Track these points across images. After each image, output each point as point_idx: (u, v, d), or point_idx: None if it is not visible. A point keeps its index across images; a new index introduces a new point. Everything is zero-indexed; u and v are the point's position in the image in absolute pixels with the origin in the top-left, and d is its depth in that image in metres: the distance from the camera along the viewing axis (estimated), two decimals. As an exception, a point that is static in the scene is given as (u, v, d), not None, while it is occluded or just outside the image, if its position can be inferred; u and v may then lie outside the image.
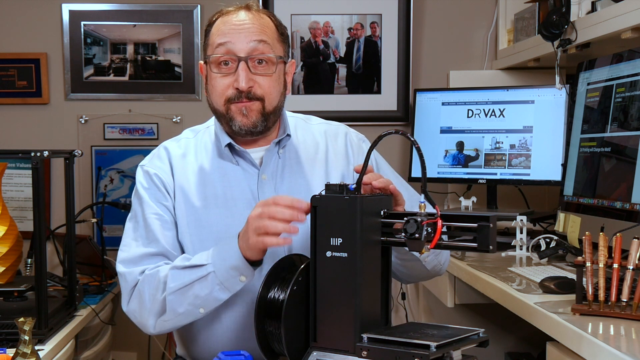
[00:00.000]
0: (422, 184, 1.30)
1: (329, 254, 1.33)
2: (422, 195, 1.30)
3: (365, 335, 1.29)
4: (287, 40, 1.72)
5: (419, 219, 1.25)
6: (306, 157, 1.75)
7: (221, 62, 1.64)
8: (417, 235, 1.25)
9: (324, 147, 1.78)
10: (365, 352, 1.27)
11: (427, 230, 1.25)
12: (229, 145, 1.70)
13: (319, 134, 1.80)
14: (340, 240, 1.32)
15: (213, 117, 1.76)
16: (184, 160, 1.73)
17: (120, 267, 1.67)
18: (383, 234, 1.37)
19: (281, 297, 1.41)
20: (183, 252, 1.69)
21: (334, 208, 1.33)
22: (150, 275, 1.61)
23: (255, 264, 1.52)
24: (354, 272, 1.30)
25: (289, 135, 1.73)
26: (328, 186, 1.36)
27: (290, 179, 1.71)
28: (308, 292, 1.38)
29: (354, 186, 1.34)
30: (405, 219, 1.27)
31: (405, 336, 1.27)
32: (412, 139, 1.32)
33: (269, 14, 1.71)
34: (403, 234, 1.28)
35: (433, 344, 1.21)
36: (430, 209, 1.32)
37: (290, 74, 1.75)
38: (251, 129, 1.66)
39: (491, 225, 1.23)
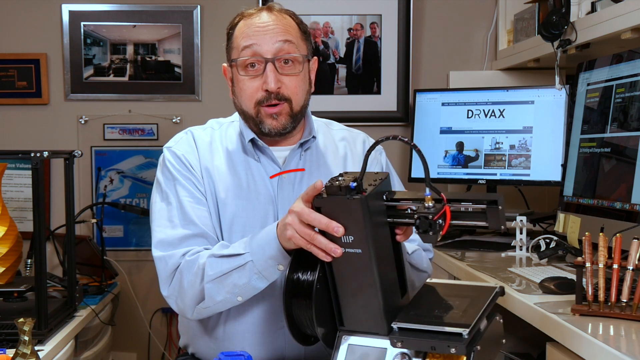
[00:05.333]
0: (426, 177, 1.30)
1: (343, 249, 1.33)
2: (427, 189, 1.29)
3: (395, 325, 1.28)
4: (309, 38, 1.75)
5: (430, 217, 1.25)
6: (325, 161, 1.77)
7: (248, 65, 1.66)
8: (431, 232, 1.25)
9: (342, 152, 1.81)
10: (400, 343, 1.27)
11: (439, 223, 1.25)
12: (252, 141, 1.72)
13: (339, 139, 1.83)
14: (351, 238, 1.31)
15: (236, 113, 1.77)
16: (210, 147, 1.74)
17: (157, 252, 1.65)
18: (389, 215, 1.35)
19: (310, 278, 1.39)
20: None
21: (339, 209, 1.32)
22: (190, 261, 1.60)
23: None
24: (371, 266, 1.30)
25: (314, 137, 1.75)
26: (328, 187, 1.34)
27: (309, 180, 1.72)
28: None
29: (354, 184, 1.31)
30: (416, 216, 1.26)
31: (436, 321, 1.26)
32: (409, 142, 1.31)
33: (290, 13, 1.72)
34: (415, 229, 1.28)
35: (465, 332, 1.20)
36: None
37: (314, 71, 1.77)
38: (281, 131, 1.69)
39: (500, 207, 1.24)
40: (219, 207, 1.69)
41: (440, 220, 1.25)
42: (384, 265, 1.34)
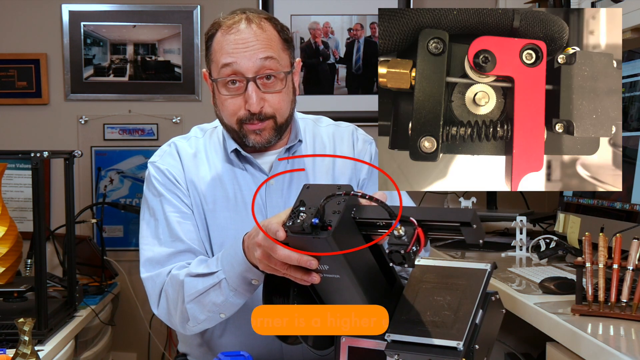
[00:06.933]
0: (390, 214, 1.23)
1: (320, 275, 1.30)
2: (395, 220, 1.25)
3: (389, 338, 1.27)
4: (292, 43, 1.67)
5: (402, 251, 1.22)
6: (313, 163, 1.73)
7: (228, 82, 1.60)
8: (406, 265, 1.23)
9: (330, 152, 1.75)
10: (397, 356, 1.26)
11: (413, 251, 1.22)
12: (236, 151, 1.68)
13: (327, 137, 1.78)
14: (327, 266, 1.28)
15: None
16: (195, 159, 1.71)
17: (145, 272, 1.64)
18: (361, 229, 1.30)
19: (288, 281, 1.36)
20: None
21: (307, 246, 1.28)
22: (172, 277, 1.58)
23: None
24: (354, 285, 1.27)
25: (300, 141, 1.71)
26: (290, 226, 1.27)
27: (298, 185, 1.68)
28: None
29: (317, 220, 1.24)
30: (388, 250, 1.24)
31: (430, 330, 1.24)
32: (364, 195, 1.26)
33: (270, 20, 1.63)
34: (391, 263, 1.25)
35: (459, 345, 1.20)
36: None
37: (297, 74, 1.72)
38: (265, 145, 1.65)
39: (475, 226, 1.21)
40: (208, 220, 1.66)
41: (414, 248, 1.22)
42: (366, 276, 1.30)
